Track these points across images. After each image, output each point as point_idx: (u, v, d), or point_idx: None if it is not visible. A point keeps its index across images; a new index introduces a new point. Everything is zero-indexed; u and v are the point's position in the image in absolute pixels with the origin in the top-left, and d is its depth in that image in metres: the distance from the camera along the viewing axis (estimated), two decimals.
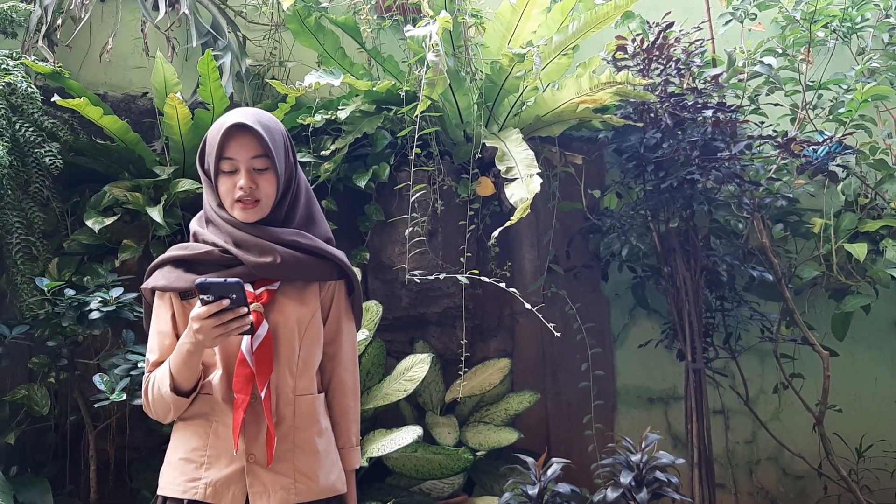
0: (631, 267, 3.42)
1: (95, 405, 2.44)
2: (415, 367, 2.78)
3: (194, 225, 1.78)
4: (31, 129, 2.66)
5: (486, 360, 3.14)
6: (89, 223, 2.67)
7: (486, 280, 2.73)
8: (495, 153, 2.79)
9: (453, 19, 2.87)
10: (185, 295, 1.71)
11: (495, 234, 2.62)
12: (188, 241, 1.79)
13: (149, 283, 1.75)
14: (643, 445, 2.65)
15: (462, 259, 2.83)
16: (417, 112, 2.66)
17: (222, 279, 1.50)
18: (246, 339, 1.63)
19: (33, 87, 2.60)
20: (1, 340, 2.51)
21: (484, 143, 2.89)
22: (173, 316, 1.73)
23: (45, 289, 2.51)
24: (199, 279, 1.51)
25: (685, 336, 3.17)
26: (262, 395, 1.63)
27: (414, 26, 2.85)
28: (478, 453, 2.84)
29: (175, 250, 1.74)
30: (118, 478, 2.81)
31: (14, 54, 2.70)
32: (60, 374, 2.65)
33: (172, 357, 1.65)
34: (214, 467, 1.65)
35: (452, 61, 2.94)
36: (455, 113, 3.07)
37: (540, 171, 2.67)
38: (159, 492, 1.70)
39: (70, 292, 2.52)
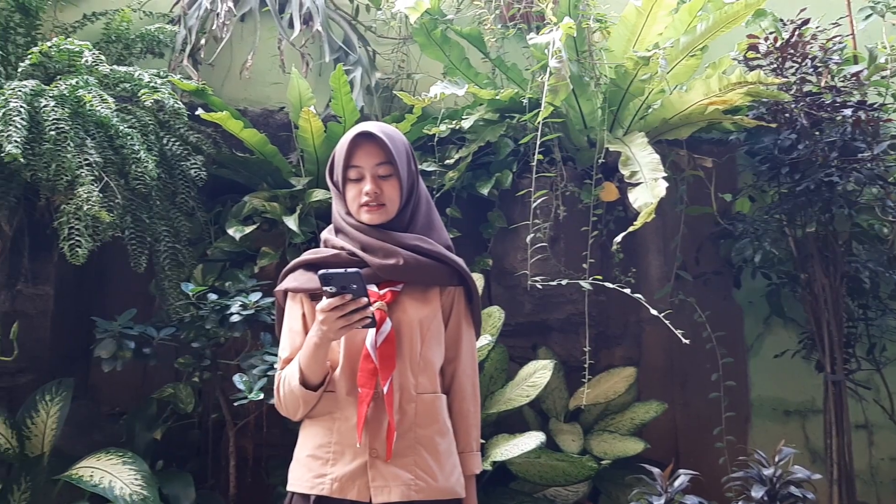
0: (765, 273, 3.28)
1: (235, 403, 2.58)
2: (537, 373, 2.78)
3: (325, 234, 1.89)
4: (177, 143, 2.86)
5: (611, 368, 3.10)
6: (231, 231, 2.83)
7: (610, 286, 2.70)
8: (619, 157, 2.75)
9: (577, 25, 2.86)
10: (314, 296, 1.80)
11: (618, 239, 2.59)
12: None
13: (282, 286, 1.86)
14: (777, 459, 2.54)
15: (585, 265, 2.80)
16: (540, 119, 2.67)
17: (343, 269, 1.59)
18: (370, 334, 1.71)
19: (179, 103, 2.79)
20: (150, 342, 2.69)
21: (607, 148, 2.86)
22: (303, 315, 1.83)
23: (191, 293, 2.68)
24: (322, 270, 1.60)
25: (824, 346, 3.01)
26: (385, 390, 1.70)
27: (537, 34, 2.86)
28: (602, 462, 2.81)
29: (306, 255, 1.86)
30: (256, 474, 2.96)
31: (161, 73, 2.90)
32: (204, 374, 2.81)
33: (301, 352, 1.74)
34: (340, 463, 1.72)
35: (576, 67, 2.93)
36: (578, 118, 3.06)
37: (666, 174, 2.62)
38: (289, 487, 1.79)
39: (213, 297, 2.68)
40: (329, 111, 3.00)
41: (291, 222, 2.78)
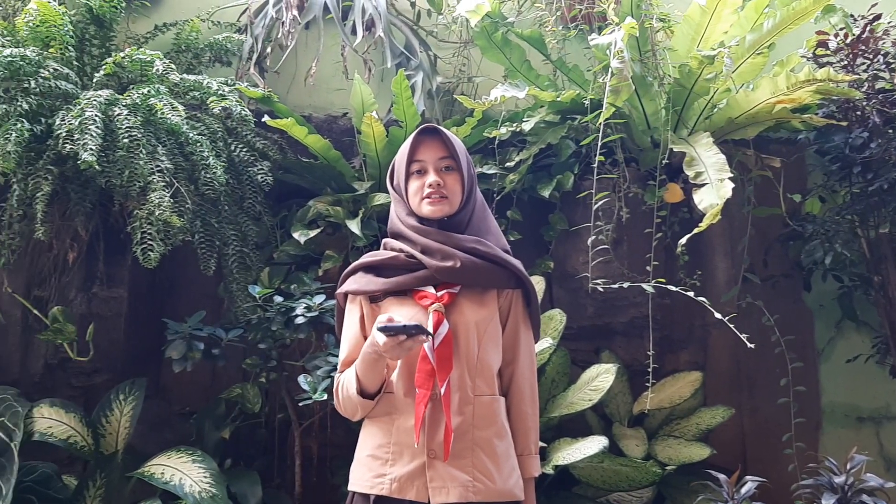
0: (836, 276, 3.19)
1: (300, 404, 2.63)
2: (600, 377, 2.75)
3: (386, 239, 1.91)
4: (244, 149, 2.93)
5: (676, 373, 3.05)
6: (296, 235, 2.89)
7: (674, 289, 2.66)
8: (684, 158, 2.71)
9: (639, 25, 2.84)
10: (374, 298, 1.83)
11: (683, 241, 2.55)
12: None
13: (342, 289, 1.89)
14: (849, 467, 2.46)
15: (648, 268, 2.77)
16: (601, 120, 2.65)
17: (402, 325, 1.60)
18: None
19: (246, 110, 2.85)
20: (218, 343, 2.75)
21: (672, 149, 2.82)
22: (362, 318, 1.86)
23: (257, 296, 2.74)
24: (380, 324, 1.61)
25: None
26: (442, 391, 1.71)
27: (599, 34, 2.84)
28: (667, 467, 2.76)
29: (365, 257, 1.89)
30: (321, 473, 3.00)
31: (229, 81, 2.98)
32: (270, 375, 2.87)
33: (359, 362, 1.77)
34: (399, 463, 1.74)
35: (638, 67, 2.90)
36: (641, 119, 3.03)
37: (732, 175, 2.56)
38: (350, 487, 1.81)
39: (279, 299, 2.73)
40: (391, 116, 3.03)
41: (354, 226, 2.82)
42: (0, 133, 2.44)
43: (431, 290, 1.79)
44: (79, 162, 2.39)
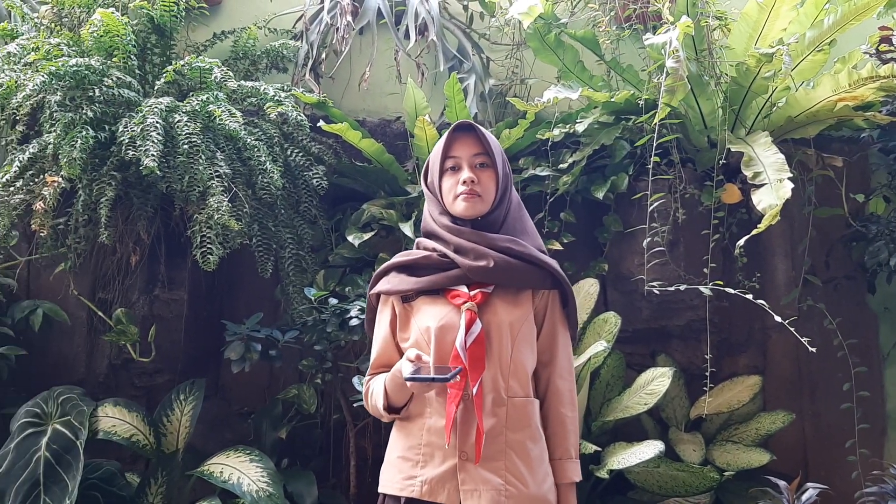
0: None
1: (354, 405, 2.65)
2: (655, 381, 2.72)
3: (419, 239, 1.91)
4: (300, 154, 2.97)
5: (735, 377, 3.00)
6: (350, 238, 2.92)
7: (732, 292, 2.61)
8: (742, 158, 2.66)
9: (695, 23, 2.79)
10: (406, 298, 1.82)
11: (741, 242, 2.50)
12: None
13: (375, 289, 1.89)
14: None
15: (706, 270, 2.73)
16: (656, 120, 2.62)
17: (430, 378, 1.60)
18: (460, 336, 1.70)
19: (302, 116, 2.90)
20: (275, 344, 2.80)
21: (729, 149, 2.77)
22: (393, 319, 1.85)
23: (313, 298, 2.78)
24: (408, 374, 1.62)
25: None
26: (474, 391, 1.68)
27: (654, 34, 2.81)
28: (725, 473, 2.72)
29: (397, 257, 1.88)
30: (374, 474, 3.01)
31: (285, 87, 3.03)
32: (326, 376, 2.90)
33: (389, 382, 1.76)
34: (429, 465, 1.71)
35: (694, 66, 2.86)
36: (698, 118, 2.98)
37: (792, 175, 2.51)
38: (381, 489, 1.80)
39: (333, 301, 2.77)
40: (444, 119, 3.04)
41: (407, 228, 2.84)
42: (66, 140, 2.52)
43: (465, 289, 1.77)
44: (141, 168, 2.46)
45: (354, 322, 2.68)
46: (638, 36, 3.19)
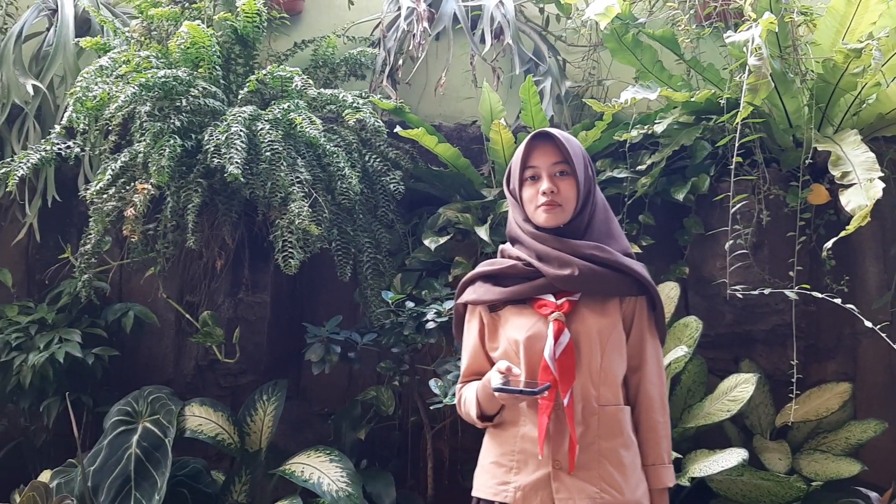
0: None
1: (431, 407, 2.67)
2: (739, 387, 2.64)
3: (503, 245, 1.91)
4: (378, 159, 3.01)
5: (823, 384, 2.90)
6: (426, 242, 2.94)
7: (819, 296, 2.52)
8: (829, 157, 2.57)
9: (779, 19, 2.72)
10: (493, 307, 1.83)
11: (829, 245, 2.41)
12: None
13: (462, 299, 1.90)
14: None
15: (791, 273, 2.64)
16: (738, 119, 2.55)
17: (518, 390, 1.62)
18: (549, 346, 1.70)
19: (379, 122, 2.94)
20: (354, 346, 2.85)
21: (816, 148, 2.68)
22: (482, 329, 1.86)
23: (390, 301, 2.82)
24: (496, 385, 1.64)
25: None
26: (566, 401, 1.68)
27: (735, 31, 2.74)
28: (812, 483, 2.62)
29: (483, 266, 1.88)
30: (452, 476, 3.04)
31: (363, 94, 3.08)
32: (403, 378, 2.93)
33: (481, 391, 1.77)
34: (523, 472, 1.72)
35: (778, 63, 2.78)
36: (782, 117, 2.89)
37: (883, 174, 2.42)
38: (474, 493, 1.82)
39: (410, 304, 2.79)
40: (519, 122, 3.04)
41: (483, 232, 2.85)
42: (155, 149, 2.62)
43: (551, 298, 1.76)
44: (225, 175, 2.54)
45: (431, 325, 2.70)
46: (719, 34, 3.12)
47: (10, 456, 3.17)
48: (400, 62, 3.29)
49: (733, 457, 2.46)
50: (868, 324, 2.40)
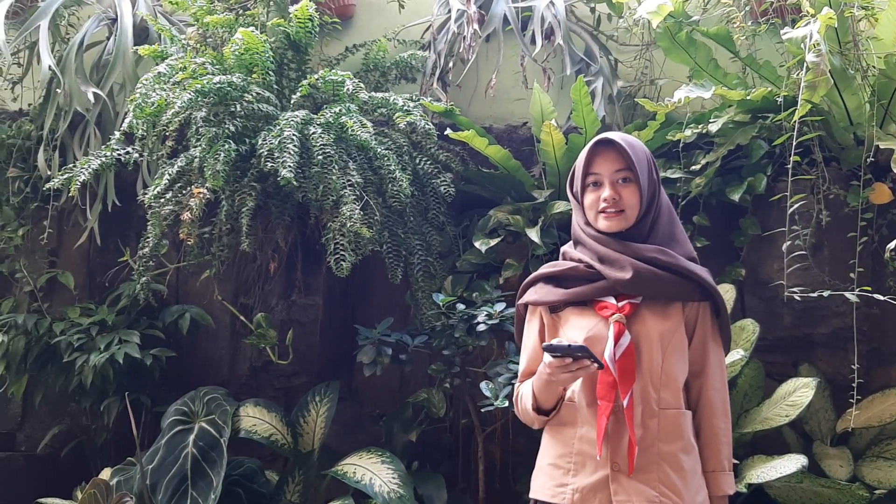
0: None
1: (483, 410, 2.66)
2: (798, 392, 2.58)
3: (565, 247, 1.91)
4: (428, 162, 3.02)
5: (887, 389, 2.80)
6: (477, 244, 2.94)
7: (882, 298, 2.45)
8: (891, 155, 2.50)
9: (838, 14, 2.65)
10: (553, 309, 1.82)
11: (892, 245, 2.34)
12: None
13: (523, 299, 1.90)
14: None
15: (852, 275, 2.57)
16: (796, 117, 2.49)
17: (567, 344, 1.60)
18: (609, 347, 1.69)
19: (430, 124, 2.94)
20: (405, 348, 2.85)
21: (878, 146, 2.61)
22: (541, 329, 1.86)
23: (441, 303, 2.82)
24: (546, 343, 1.65)
25: None
26: (625, 403, 1.67)
27: (793, 28, 2.68)
28: (876, 491, 2.54)
29: (545, 268, 1.88)
30: (503, 479, 3.03)
31: (414, 97, 3.09)
32: (454, 380, 2.93)
33: (535, 378, 1.77)
34: (581, 474, 1.72)
35: (838, 59, 2.71)
36: (842, 115, 2.82)
37: None
38: (531, 494, 1.82)
39: (461, 307, 2.79)
40: (570, 123, 3.02)
41: (534, 234, 2.83)
42: (211, 154, 2.67)
43: (612, 300, 1.75)
44: (279, 178, 2.57)
45: (482, 327, 2.69)
46: (775, 30, 3.05)
47: (73, 454, 3.27)
48: (450, 65, 3.29)
49: (792, 463, 2.39)
50: None
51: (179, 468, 2.68)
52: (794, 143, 2.51)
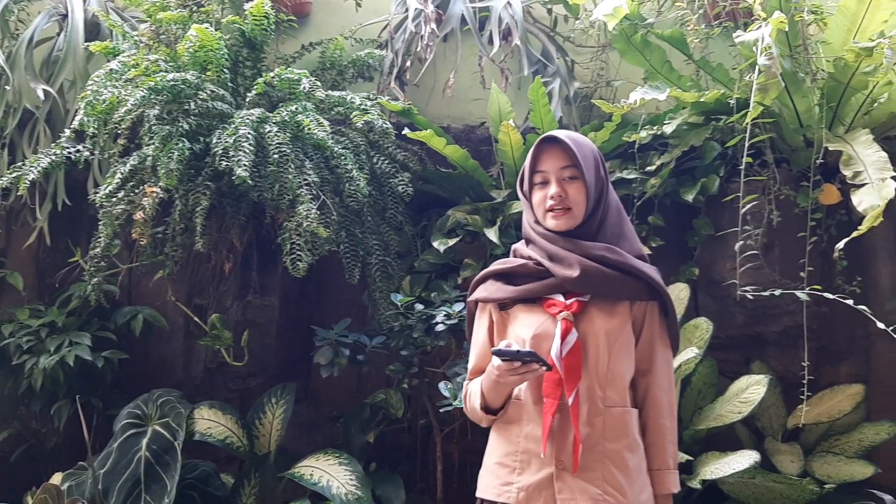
0: None
1: (441, 410, 2.66)
2: (750, 389, 2.63)
3: (517, 245, 1.91)
4: (386, 161, 3.01)
5: (835, 385, 2.87)
6: (435, 244, 2.94)
7: (831, 297, 2.50)
8: (840, 157, 2.56)
9: (789, 18, 2.70)
10: (503, 305, 1.83)
11: (840, 245, 2.39)
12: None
13: (473, 296, 1.90)
14: None
15: (803, 274, 2.62)
16: (748, 119, 2.54)
17: (516, 349, 1.61)
18: (555, 345, 1.70)
19: (388, 123, 2.93)
20: (363, 349, 2.84)
21: (827, 147, 2.66)
22: (491, 326, 1.86)
23: (399, 304, 2.81)
24: (495, 348, 1.65)
25: None
26: (570, 401, 1.68)
27: (745, 31, 2.73)
28: (825, 486, 2.60)
29: (495, 265, 1.88)
30: (462, 479, 3.02)
31: (371, 96, 3.08)
32: (412, 381, 2.92)
33: (484, 380, 1.77)
34: (526, 472, 1.72)
35: (789, 63, 2.76)
36: (793, 117, 2.87)
37: (895, 174, 2.40)
38: (478, 493, 1.82)
39: (419, 307, 2.79)
40: (528, 124, 3.03)
41: (492, 234, 2.84)
42: (164, 152, 2.63)
43: (561, 298, 1.76)
44: (233, 177, 2.54)
45: (440, 327, 2.69)
46: (728, 34, 3.10)
47: (22, 458, 3.19)
48: (408, 64, 3.28)
49: (745, 459, 2.44)
50: (881, 325, 2.38)
51: (132, 472, 2.63)
52: (747, 145, 2.56)
